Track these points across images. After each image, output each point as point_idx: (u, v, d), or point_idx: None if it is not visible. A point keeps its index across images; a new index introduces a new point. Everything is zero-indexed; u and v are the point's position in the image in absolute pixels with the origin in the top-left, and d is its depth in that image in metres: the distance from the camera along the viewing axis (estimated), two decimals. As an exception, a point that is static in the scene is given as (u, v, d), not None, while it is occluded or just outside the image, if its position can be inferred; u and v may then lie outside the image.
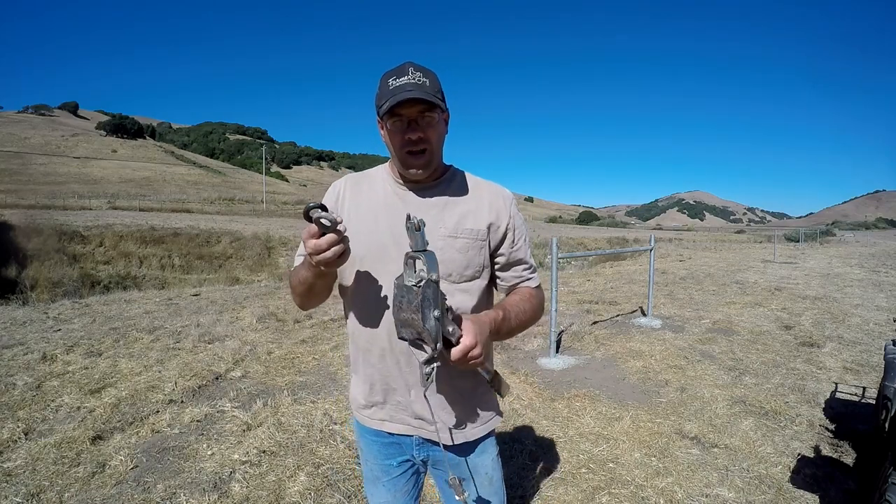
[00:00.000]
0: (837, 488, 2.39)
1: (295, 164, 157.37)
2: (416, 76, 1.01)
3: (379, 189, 1.15)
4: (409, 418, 1.14)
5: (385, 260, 1.07)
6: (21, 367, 4.06)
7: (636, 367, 4.22)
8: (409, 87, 0.99)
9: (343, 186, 1.18)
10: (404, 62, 1.05)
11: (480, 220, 1.12)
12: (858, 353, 4.64)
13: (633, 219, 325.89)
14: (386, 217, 1.10)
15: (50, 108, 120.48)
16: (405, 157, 1.06)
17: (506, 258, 1.17)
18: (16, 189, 41.40)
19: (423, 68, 1.04)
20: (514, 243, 1.16)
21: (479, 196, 1.15)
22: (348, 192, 1.16)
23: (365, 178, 1.19)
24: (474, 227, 1.11)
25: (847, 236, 40.16)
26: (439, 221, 1.09)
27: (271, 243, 21.25)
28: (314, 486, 2.37)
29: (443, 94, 1.07)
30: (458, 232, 1.10)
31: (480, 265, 1.13)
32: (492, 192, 1.17)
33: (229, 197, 58.09)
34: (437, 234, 1.08)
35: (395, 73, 1.02)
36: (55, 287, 13.19)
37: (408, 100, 0.99)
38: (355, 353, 1.19)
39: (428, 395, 1.02)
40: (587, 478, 2.49)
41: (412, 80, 1.00)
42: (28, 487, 2.31)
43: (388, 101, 1.00)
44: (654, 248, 6.33)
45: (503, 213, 1.15)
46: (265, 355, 4.52)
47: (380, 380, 1.14)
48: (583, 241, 29.53)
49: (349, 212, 1.13)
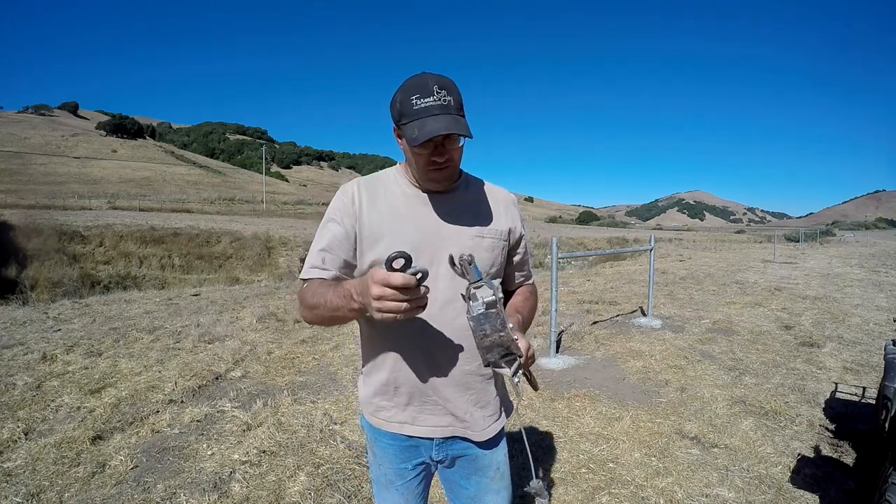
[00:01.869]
0: (837, 488, 2.39)
1: (295, 164, 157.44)
2: (442, 95, 0.98)
3: (397, 192, 1.13)
4: (437, 418, 1.14)
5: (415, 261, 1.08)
6: (21, 367, 4.06)
7: (636, 367, 4.22)
8: (436, 110, 0.98)
9: (356, 190, 1.13)
10: (423, 75, 1.02)
11: (500, 222, 1.17)
12: (858, 353, 4.64)
13: (633, 219, 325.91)
14: (411, 220, 1.10)
15: (50, 108, 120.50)
16: (428, 174, 1.07)
17: (519, 258, 1.26)
18: (16, 189, 41.40)
19: (444, 81, 1.01)
20: (525, 246, 1.27)
21: (496, 200, 1.20)
22: (364, 196, 1.12)
23: (378, 183, 1.16)
24: (498, 228, 1.16)
25: (847, 236, 40.14)
26: (466, 220, 1.13)
27: (271, 243, 21.25)
28: (314, 486, 2.37)
29: (463, 103, 1.05)
30: (485, 232, 1.14)
31: (501, 264, 1.19)
32: (505, 196, 1.23)
33: (229, 197, 58.08)
34: (466, 234, 1.11)
35: (419, 90, 0.99)
36: (55, 287, 13.19)
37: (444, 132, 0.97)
38: (375, 356, 1.16)
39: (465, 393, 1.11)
40: (587, 478, 2.49)
41: (438, 102, 0.98)
42: (28, 487, 2.31)
43: (417, 129, 0.98)
44: (654, 248, 6.33)
45: (517, 217, 1.22)
46: (265, 355, 4.52)
47: (406, 382, 1.12)
48: (583, 241, 29.54)
49: (367, 217, 1.09)
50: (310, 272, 1.10)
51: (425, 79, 1.00)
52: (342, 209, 1.11)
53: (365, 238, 1.09)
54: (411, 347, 1.10)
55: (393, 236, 1.07)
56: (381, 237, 1.08)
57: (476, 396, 1.15)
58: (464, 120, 1.02)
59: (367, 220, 1.09)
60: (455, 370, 1.10)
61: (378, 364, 1.16)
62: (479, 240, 1.12)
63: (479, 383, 1.15)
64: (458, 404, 1.12)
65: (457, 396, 1.12)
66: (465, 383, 1.12)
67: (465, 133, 0.99)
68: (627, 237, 33.91)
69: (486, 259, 1.13)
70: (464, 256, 0.94)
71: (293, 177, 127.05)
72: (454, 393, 1.12)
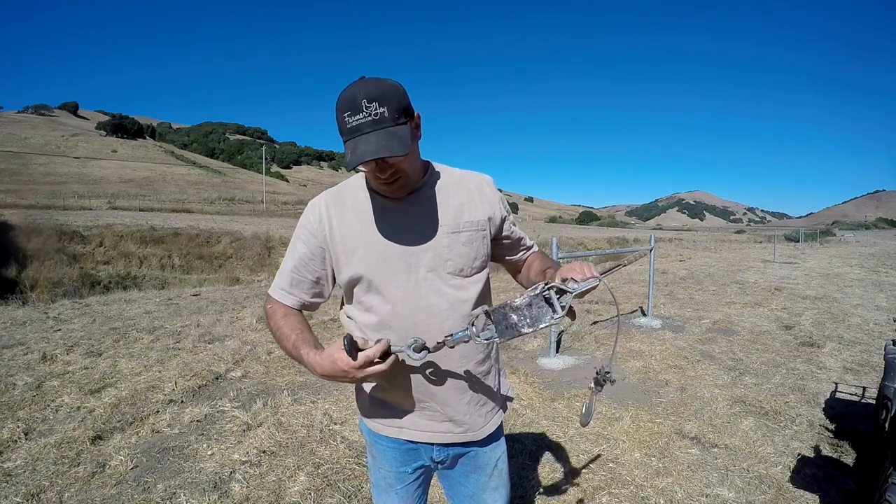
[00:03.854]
0: (837, 488, 2.39)
1: (295, 164, 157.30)
2: (372, 109, 0.91)
3: (363, 198, 1.10)
4: (435, 424, 1.13)
5: (392, 270, 1.05)
6: (21, 367, 4.06)
7: (636, 367, 4.22)
8: (367, 128, 0.92)
9: (323, 206, 1.11)
10: (355, 85, 0.94)
11: (476, 211, 1.13)
12: (858, 353, 4.64)
13: (633, 219, 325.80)
14: (382, 226, 1.07)
15: (50, 108, 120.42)
16: (380, 188, 1.05)
17: (511, 240, 1.23)
18: (16, 189, 41.39)
19: (375, 90, 0.92)
20: (512, 225, 1.22)
21: (468, 188, 1.15)
22: (332, 210, 1.10)
23: (346, 191, 1.13)
24: (472, 219, 1.11)
25: (847, 236, 40.14)
26: (438, 219, 1.09)
27: (271, 243, 21.23)
28: (314, 486, 2.37)
29: (406, 105, 0.97)
30: (460, 226, 1.09)
31: (485, 255, 1.15)
32: (476, 182, 1.17)
33: (229, 197, 58.06)
34: (440, 231, 1.08)
35: (349, 107, 0.92)
36: (55, 287, 13.17)
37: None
38: None
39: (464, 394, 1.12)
40: (587, 478, 2.49)
41: (369, 118, 0.92)
42: (28, 487, 2.31)
43: (350, 152, 0.93)
44: (654, 249, 6.33)
45: (495, 201, 1.17)
46: (265, 355, 4.51)
47: (402, 386, 1.10)
48: (583, 241, 29.52)
49: (338, 229, 1.08)
50: (277, 292, 1.13)
51: (355, 91, 0.93)
52: (308, 228, 1.10)
53: (339, 253, 1.08)
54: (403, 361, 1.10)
55: (365, 247, 1.06)
56: (355, 250, 1.06)
57: (475, 395, 1.14)
58: (401, 130, 0.94)
59: (339, 234, 1.08)
60: (453, 371, 1.09)
61: None
62: (454, 236, 1.08)
63: (478, 382, 1.14)
64: (458, 406, 1.11)
65: (456, 398, 1.11)
66: (463, 385, 1.11)
67: (396, 152, 0.91)
68: (627, 237, 33.89)
69: (468, 254, 1.09)
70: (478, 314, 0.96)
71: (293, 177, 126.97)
72: (453, 394, 1.11)
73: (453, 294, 1.07)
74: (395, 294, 1.05)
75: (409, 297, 1.05)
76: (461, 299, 1.08)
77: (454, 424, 1.13)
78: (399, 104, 0.95)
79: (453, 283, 1.07)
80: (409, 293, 1.05)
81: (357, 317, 1.11)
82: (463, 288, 1.08)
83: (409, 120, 0.98)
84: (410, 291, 1.05)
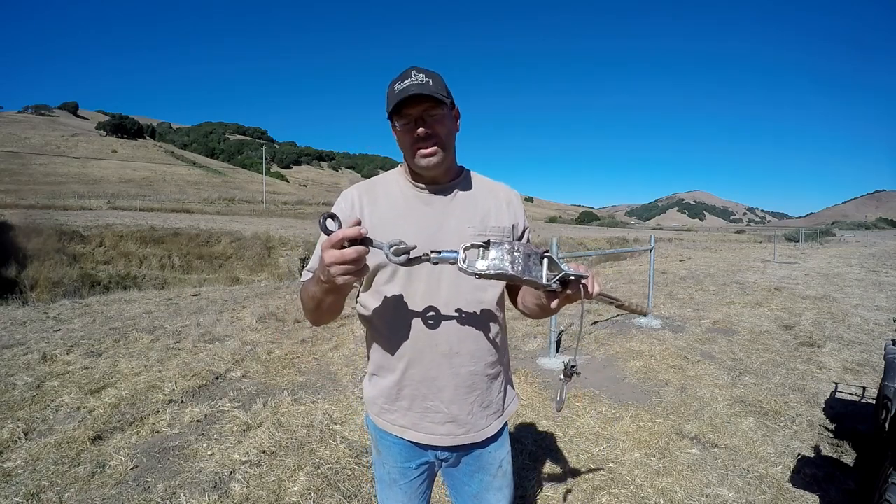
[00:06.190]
0: (837, 488, 2.39)
1: (295, 164, 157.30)
2: (419, 78, 1.03)
3: (396, 192, 1.14)
4: (438, 426, 1.13)
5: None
6: (21, 367, 4.06)
7: (636, 367, 4.22)
8: (414, 89, 1.02)
9: (356, 194, 1.14)
10: (408, 67, 1.07)
11: (503, 218, 1.17)
12: (858, 353, 4.64)
13: (633, 219, 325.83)
14: (412, 220, 1.10)
15: (50, 108, 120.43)
16: (416, 153, 1.07)
17: None
18: (16, 189, 41.38)
19: (426, 70, 1.06)
20: (527, 240, 1.24)
21: (497, 196, 1.20)
22: (364, 199, 1.13)
23: (379, 184, 1.18)
24: (499, 225, 1.15)
25: (847, 236, 40.15)
26: (465, 220, 1.12)
27: (271, 243, 21.22)
28: (314, 486, 2.37)
29: (449, 92, 1.09)
30: (487, 230, 1.12)
31: None
32: (506, 192, 1.23)
33: (229, 197, 58.05)
34: (467, 232, 1.10)
35: (400, 78, 1.05)
36: (55, 287, 13.18)
37: (412, 96, 1.01)
38: (380, 359, 1.16)
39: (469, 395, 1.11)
40: (587, 478, 2.49)
41: (415, 82, 1.03)
42: (28, 487, 2.31)
43: (393, 101, 1.03)
44: (654, 248, 6.33)
45: (520, 213, 1.22)
46: (265, 355, 4.52)
47: (410, 385, 1.12)
48: (583, 241, 29.53)
49: (369, 219, 1.10)
50: (306, 275, 1.12)
51: (408, 69, 1.06)
52: (341, 215, 1.10)
53: None
54: (416, 350, 1.10)
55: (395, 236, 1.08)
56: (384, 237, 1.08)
57: (480, 397, 1.14)
58: (446, 100, 1.05)
59: (369, 223, 1.09)
60: (460, 371, 1.10)
61: (383, 367, 1.16)
62: (480, 238, 1.09)
63: (484, 383, 1.15)
64: (462, 406, 1.12)
65: (461, 398, 1.12)
66: (471, 384, 1.12)
67: (436, 95, 1.02)
68: (627, 237, 33.90)
69: None
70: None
71: (293, 177, 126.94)
72: (458, 395, 1.11)
73: (473, 294, 1.09)
74: (416, 287, 1.07)
75: (430, 292, 1.07)
76: (479, 300, 1.10)
77: (456, 426, 1.13)
78: (445, 88, 1.07)
79: (475, 284, 1.08)
80: (431, 288, 1.07)
81: (373, 307, 1.12)
82: (483, 290, 1.11)
83: (452, 104, 1.10)
84: (432, 286, 1.07)
